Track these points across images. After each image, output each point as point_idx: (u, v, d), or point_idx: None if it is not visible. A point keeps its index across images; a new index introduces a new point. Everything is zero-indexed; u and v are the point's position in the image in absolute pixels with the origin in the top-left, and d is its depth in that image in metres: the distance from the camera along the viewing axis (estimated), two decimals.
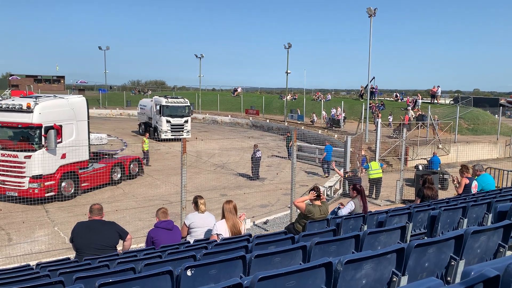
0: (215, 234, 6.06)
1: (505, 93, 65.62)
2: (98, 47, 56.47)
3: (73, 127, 15.00)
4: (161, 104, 29.71)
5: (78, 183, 15.05)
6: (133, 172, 18.03)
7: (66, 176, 14.65)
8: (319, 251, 3.53)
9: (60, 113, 14.54)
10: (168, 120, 29.49)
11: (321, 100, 40.95)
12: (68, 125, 14.78)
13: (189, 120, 30.69)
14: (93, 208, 6.16)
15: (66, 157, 14.61)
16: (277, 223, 11.99)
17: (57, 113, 14.38)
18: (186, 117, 30.50)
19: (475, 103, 35.17)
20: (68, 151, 14.55)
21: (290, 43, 38.39)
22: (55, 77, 70.92)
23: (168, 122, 29.47)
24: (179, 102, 30.66)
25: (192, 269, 3.00)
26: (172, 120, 29.58)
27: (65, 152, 14.54)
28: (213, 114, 45.46)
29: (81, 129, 15.30)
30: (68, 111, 14.89)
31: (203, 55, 50.66)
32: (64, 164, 14.54)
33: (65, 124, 14.62)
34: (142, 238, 9.85)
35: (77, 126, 15.15)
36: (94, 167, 16.17)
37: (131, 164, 17.91)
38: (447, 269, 3.05)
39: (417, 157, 21.09)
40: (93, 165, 16.26)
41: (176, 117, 29.82)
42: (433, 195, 8.38)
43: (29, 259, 9.29)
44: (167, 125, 29.40)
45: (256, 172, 18.55)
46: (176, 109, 30.00)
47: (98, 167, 16.28)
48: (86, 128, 15.68)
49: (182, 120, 30.17)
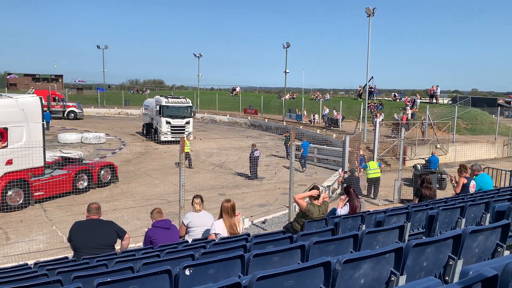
0: (213, 233, 6.06)
1: (503, 93, 65.79)
2: (96, 46, 56.60)
3: (23, 129, 13.31)
4: (161, 104, 28.29)
5: (29, 192, 13.47)
6: (104, 180, 16.25)
7: (13, 184, 13.09)
8: (318, 250, 3.53)
9: (5, 114, 12.97)
10: (168, 121, 28.00)
11: (319, 99, 40.98)
12: (16, 128, 13.12)
13: (190, 121, 29.19)
14: (91, 207, 6.14)
15: (12, 163, 13.01)
16: (276, 222, 12.00)
17: (1, 115, 12.88)
18: (188, 118, 28.95)
19: (473, 103, 35.27)
20: (16, 157, 12.91)
21: (289, 43, 38.39)
22: (53, 76, 70.89)
23: (168, 124, 27.95)
24: (180, 102, 29.14)
25: (191, 268, 3.00)
26: (172, 121, 28.09)
27: (12, 158, 12.93)
28: (212, 113, 45.46)
29: (33, 132, 13.60)
30: (16, 112, 13.24)
31: (201, 54, 50.71)
32: (10, 171, 13.00)
33: (11, 127, 13.00)
34: (140, 238, 9.83)
35: (29, 129, 13.45)
36: (52, 174, 14.58)
37: (101, 170, 16.25)
38: (445, 269, 3.06)
39: (415, 157, 21.12)
40: (52, 172, 14.70)
41: (176, 118, 28.34)
42: (431, 195, 8.39)
43: (27, 258, 9.27)
44: (166, 127, 27.86)
45: (255, 172, 18.55)
46: (177, 110, 28.57)
47: (57, 174, 14.67)
48: (40, 130, 13.97)
49: (183, 122, 28.58)
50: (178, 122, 28.25)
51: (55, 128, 33.68)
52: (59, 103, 40.52)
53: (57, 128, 33.70)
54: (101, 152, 24.08)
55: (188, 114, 29.06)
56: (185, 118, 28.78)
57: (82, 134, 27.85)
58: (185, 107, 29.08)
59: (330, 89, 65.73)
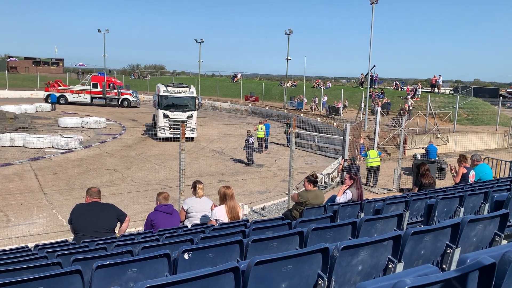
0: (213, 219, 6.09)
1: (506, 83, 65.56)
2: (97, 30, 55.95)
3: None
4: (159, 94, 23.87)
5: None
6: None
7: None
8: (316, 237, 3.54)
9: None
10: (166, 114, 23.41)
11: (321, 87, 40.81)
12: None
13: (194, 115, 24.00)
14: (92, 191, 6.15)
15: None
16: (275, 209, 12.06)
17: None
18: (190, 112, 23.96)
19: (475, 93, 35.13)
20: None
21: (291, 29, 38.02)
22: (53, 60, 70.59)
23: (165, 117, 23.39)
24: (182, 92, 24.21)
25: (190, 252, 3.01)
26: (171, 114, 23.45)
27: None
28: (212, 100, 45.31)
29: None
30: None
31: (203, 40, 50.22)
32: None
33: None
34: (140, 222, 9.91)
35: None
36: None
37: None
38: (442, 257, 3.07)
39: (415, 146, 21.12)
40: None
41: (176, 110, 23.72)
42: (430, 183, 8.42)
43: (27, 241, 9.33)
44: (164, 121, 23.35)
45: (251, 158, 18.72)
46: (178, 100, 24.08)
47: None
48: None
49: (185, 115, 23.62)
50: (178, 116, 23.49)
51: (56, 112, 33.68)
52: (114, 90, 39.48)
53: (58, 112, 33.68)
54: (102, 136, 24.09)
55: (191, 107, 24.29)
56: (187, 111, 23.93)
57: (82, 119, 27.84)
58: (187, 98, 24.33)
59: (331, 77, 65.38)
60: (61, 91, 38.92)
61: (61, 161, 18.12)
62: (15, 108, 31.27)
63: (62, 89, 39.19)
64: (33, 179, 15.02)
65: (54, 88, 38.71)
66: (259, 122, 22.40)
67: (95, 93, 38.85)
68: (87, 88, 39.14)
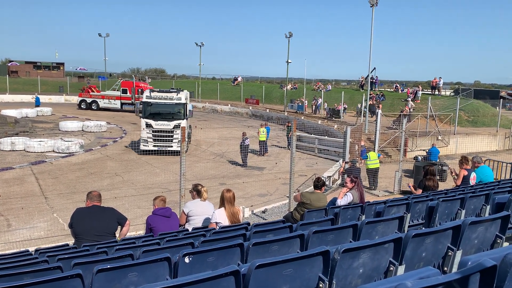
0: (214, 222, 6.08)
1: (506, 85, 65.55)
2: (98, 34, 56.28)
3: None
4: (142, 100, 20.93)
5: None
6: None
7: None
8: (317, 239, 3.54)
9: None
10: (149, 124, 20.20)
11: (321, 90, 40.84)
12: None
13: (183, 124, 18.09)
14: (93, 195, 6.14)
15: None
16: (276, 212, 12.04)
17: None
18: (178, 120, 20.28)
19: (476, 95, 35.09)
20: None
21: (291, 32, 38.16)
22: (54, 64, 70.57)
23: (148, 127, 20.22)
24: (168, 98, 20.75)
25: (190, 256, 3.01)
26: (154, 124, 20.16)
27: None
28: (213, 103, 45.34)
29: None
30: None
31: (203, 43, 50.44)
32: None
33: None
34: (140, 226, 9.89)
35: None
36: None
37: None
38: (444, 259, 3.06)
39: (416, 148, 21.10)
40: None
41: (162, 119, 20.34)
42: (434, 186, 8.45)
43: (28, 245, 9.33)
44: (147, 131, 20.22)
45: (245, 160, 18.93)
46: (163, 108, 20.74)
47: None
48: None
49: (171, 125, 20.25)
50: (162, 126, 20.22)
51: (57, 116, 33.71)
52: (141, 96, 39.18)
53: (59, 116, 33.71)
54: (102, 140, 24.11)
55: (178, 115, 20.70)
56: (174, 120, 20.40)
57: (83, 122, 27.86)
58: (174, 105, 20.74)
59: (332, 80, 65.42)
60: (93, 96, 38.95)
61: (62, 165, 18.13)
62: (16, 112, 31.33)
63: (94, 94, 39.26)
64: (34, 183, 15.02)
65: (87, 94, 38.92)
66: (261, 125, 22.51)
67: (125, 99, 38.27)
68: (117, 93, 38.75)
